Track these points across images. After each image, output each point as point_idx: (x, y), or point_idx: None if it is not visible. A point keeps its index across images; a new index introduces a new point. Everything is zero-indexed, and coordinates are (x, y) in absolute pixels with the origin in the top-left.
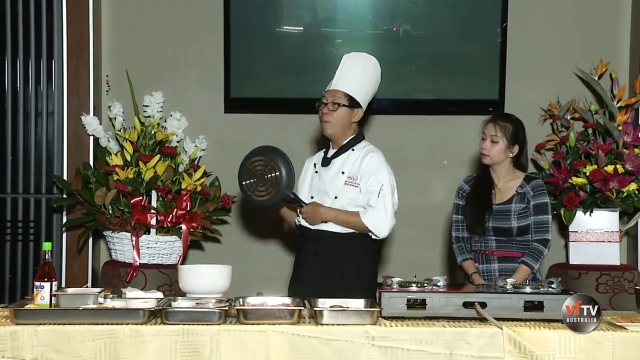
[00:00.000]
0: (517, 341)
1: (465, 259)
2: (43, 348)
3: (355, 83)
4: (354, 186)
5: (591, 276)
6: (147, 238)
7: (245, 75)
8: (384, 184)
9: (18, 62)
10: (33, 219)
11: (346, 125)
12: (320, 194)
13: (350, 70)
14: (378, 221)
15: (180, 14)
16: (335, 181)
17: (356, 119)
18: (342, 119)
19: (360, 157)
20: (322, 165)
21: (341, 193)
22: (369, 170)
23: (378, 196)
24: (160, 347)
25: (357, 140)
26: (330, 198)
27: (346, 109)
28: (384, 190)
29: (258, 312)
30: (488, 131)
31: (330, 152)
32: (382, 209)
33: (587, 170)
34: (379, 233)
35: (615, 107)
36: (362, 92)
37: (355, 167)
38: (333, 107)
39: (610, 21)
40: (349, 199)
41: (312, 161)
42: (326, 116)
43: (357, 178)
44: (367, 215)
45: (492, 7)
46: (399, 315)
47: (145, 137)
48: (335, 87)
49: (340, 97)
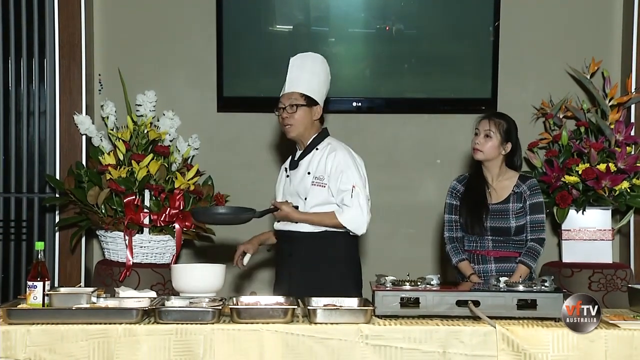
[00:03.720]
0: (510, 339)
1: (461, 260)
2: (36, 348)
3: (308, 82)
4: (321, 186)
5: (584, 274)
6: (140, 237)
7: (237, 74)
8: (355, 181)
9: (10, 61)
10: (25, 219)
11: (308, 125)
12: (293, 197)
13: (300, 71)
14: (355, 219)
15: (173, 13)
16: (303, 182)
17: (317, 117)
18: (303, 119)
19: (325, 156)
20: (290, 169)
21: (310, 194)
22: (336, 169)
23: (352, 195)
24: (153, 346)
25: (321, 139)
26: (301, 200)
27: (305, 109)
28: (356, 188)
29: (252, 311)
30: (482, 127)
31: (297, 155)
32: (358, 206)
33: (579, 169)
34: (357, 231)
35: (608, 105)
36: (316, 90)
37: (321, 166)
38: (292, 110)
39: (602, 20)
40: (319, 200)
41: (284, 166)
42: (287, 119)
43: (324, 178)
44: (343, 215)
45: (484, 6)
46: (393, 314)
47: (138, 136)
48: (289, 90)
49: (296, 98)
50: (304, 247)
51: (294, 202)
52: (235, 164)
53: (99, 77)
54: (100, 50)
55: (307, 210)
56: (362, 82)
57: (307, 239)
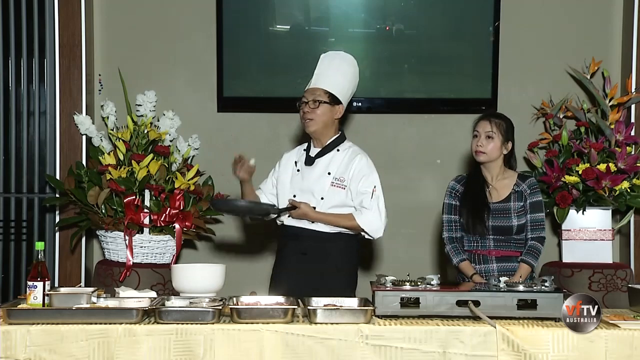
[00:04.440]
0: (510, 339)
1: (462, 260)
2: (36, 348)
3: (334, 80)
4: (341, 187)
5: (584, 274)
6: (141, 237)
7: (237, 74)
8: (376, 185)
9: (10, 61)
10: (26, 219)
11: (329, 122)
12: (304, 194)
13: (328, 68)
14: (373, 222)
15: (173, 13)
16: (320, 182)
17: (338, 116)
18: (324, 115)
19: (347, 158)
20: (305, 165)
21: (327, 194)
22: (359, 172)
23: (371, 197)
24: (153, 346)
25: (341, 140)
26: (315, 199)
27: (327, 106)
28: (376, 191)
29: (252, 311)
30: (482, 128)
31: (313, 151)
32: (376, 210)
33: (579, 169)
34: (374, 234)
35: (608, 105)
36: (341, 89)
37: (342, 168)
38: (314, 105)
39: (602, 20)
40: (336, 201)
41: (292, 158)
42: (308, 114)
43: (345, 180)
44: (361, 217)
45: (484, 7)
46: (393, 314)
47: (138, 137)
48: (314, 86)
49: (320, 94)
50: (318, 247)
51: (305, 199)
52: None
53: (99, 77)
54: (100, 51)
55: (322, 210)
56: (362, 83)
57: (321, 238)
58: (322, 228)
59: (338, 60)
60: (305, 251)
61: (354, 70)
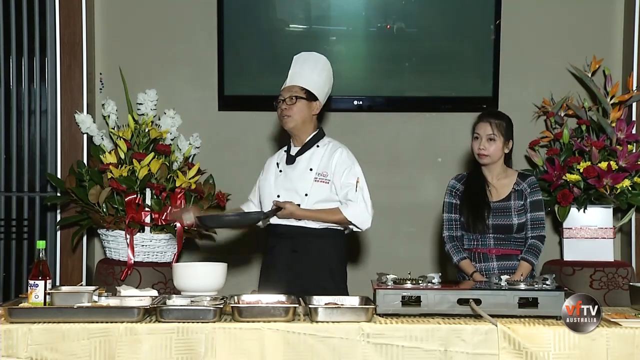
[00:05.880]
0: (511, 338)
1: (462, 258)
2: (37, 346)
3: (309, 78)
4: (325, 182)
5: (585, 273)
6: (142, 236)
7: (238, 72)
8: (359, 177)
9: (11, 60)
10: (27, 217)
11: (307, 119)
12: (289, 193)
13: (303, 67)
14: (360, 214)
15: (174, 12)
16: (303, 178)
17: (315, 112)
18: (302, 111)
19: (328, 152)
20: (286, 164)
21: (311, 190)
22: (341, 165)
23: (356, 190)
24: (155, 345)
25: (320, 137)
26: (300, 195)
27: (304, 102)
28: (360, 183)
29: (253, 309)
30: (483, 130)
31: (293, 150)
32: (362, 201)
33: (580, 167)
34: (362, 225)
35: (609, 103)
36: (316, 85)
37: (324, 163)
38: (291, 101)
39: (603, 18)
40: (321, 196)
41: (273, 161)
42: (286, 111)
43: (328, 174)
44: (348, 209)
45: (485, 5)
46: (394, 313)
47: (139, 135)
48: (290, 84)
49: (297, 91)
50: (308, 244)
51: (290, 197)
52: (237, 163)
53: (100, 76)
54: (101, 49)
55: (308, 206)
56: (363, 81)
57: (310, 235)
58: (310, 224)
59: (312, 60)
60: (296, 249)
61: (329, 69)
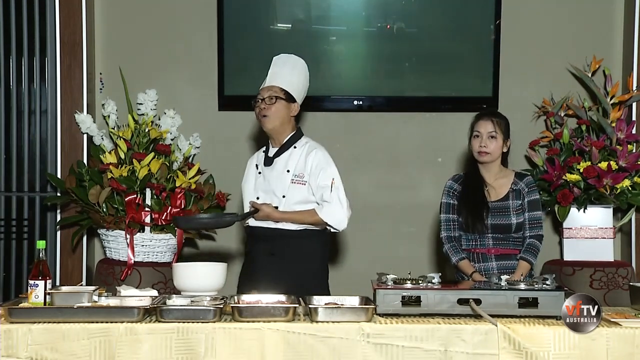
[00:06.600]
0: (511, 338)
1: (461, 259)
2: (38, 346)
3: (289, 79)
4: (301, 184)
5: (585, 272)
6: (142, 236)
7: (238, 72)
8: (334, 177)
9: (11, 60)
10: (27, 217)
11: (285, 119)
12: (267, 194)
13: (283, 68)
14: (335, 215)
15: (174, 12)
16: (281, 180)
17: (293, 113)
18: (280, 112)
19: (304, 153)
20: (264, 165)
21: (289, 192)
22: (317, 166)
23: (331, 190)
24: (155, 345)
25: (297, 137)
26: (278, 197)
27: (283, 102)
28: (335, 183)
29: (253, 309)
30: (484, 128)
31: (271, 152)
32: (337, 202)
33: (580, 167)
34: (338, 226)
35: (609, 103)
36: (295, 88)
37: (300, 164)
38: (271, 101)
39: (603, 18)
40: (298, 197)
41: (253, 162)
42: (264, 111)
43: (304, 175)
44: (323, 211)
45: (485, 5)
46: (394, 313)
47: (139, 135)
48: (270, 84)
49: (277, 91)
50: (286, 246)
51: (268, 199)
52: (237, 163)
53: (100, 75)
54: (101, 49)
55: (286, 208)
56: (363, 81)
57: (288, 237)
58: (287, 226)
59: (291, 62)
60: (273, 251)
61: (306, 72)
